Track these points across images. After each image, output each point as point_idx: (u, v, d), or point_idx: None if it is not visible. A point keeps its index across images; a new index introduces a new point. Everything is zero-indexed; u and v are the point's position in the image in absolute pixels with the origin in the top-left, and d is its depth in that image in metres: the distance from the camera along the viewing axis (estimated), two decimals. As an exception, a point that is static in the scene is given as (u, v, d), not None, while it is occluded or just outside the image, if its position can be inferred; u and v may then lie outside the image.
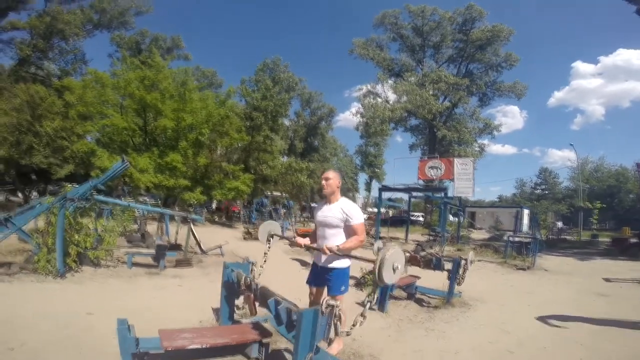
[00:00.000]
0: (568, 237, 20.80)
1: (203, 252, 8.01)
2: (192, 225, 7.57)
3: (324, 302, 2.04)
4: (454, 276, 5.13)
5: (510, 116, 72.64)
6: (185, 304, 4.07)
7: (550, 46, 69.19)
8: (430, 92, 20.29)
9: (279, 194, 16.26)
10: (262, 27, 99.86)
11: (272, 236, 3.50)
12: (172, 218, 9.43)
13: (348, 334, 2.18)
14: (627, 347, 3.62)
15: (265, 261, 3.31)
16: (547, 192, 45.02)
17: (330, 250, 2.63)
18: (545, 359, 3.32)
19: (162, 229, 9.12)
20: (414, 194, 16.91)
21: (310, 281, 3.03)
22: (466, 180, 16.02)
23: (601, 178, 38.88)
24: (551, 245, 15.31)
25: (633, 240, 14.07)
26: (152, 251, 6.42)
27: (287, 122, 26.13)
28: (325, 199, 2.99)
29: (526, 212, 24.75)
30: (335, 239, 2.80)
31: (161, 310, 3.75)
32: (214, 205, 21.43)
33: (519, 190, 47.42)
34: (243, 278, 2.67)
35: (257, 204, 15.00)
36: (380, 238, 13.31)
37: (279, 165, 19.38)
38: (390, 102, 22.16)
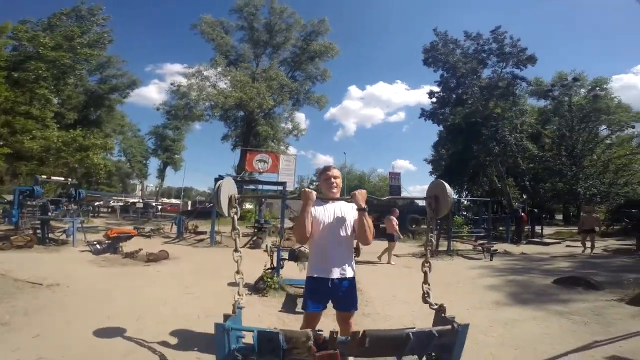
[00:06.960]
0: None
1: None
2: None
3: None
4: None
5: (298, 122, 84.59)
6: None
7: (343, 68, 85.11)
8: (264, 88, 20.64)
9: (63, 179, 11.00)
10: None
11: (237, 201, 2.40)
12: None
13: None
14: (497, 294, 5.23)
15: (240, 259, 2.37)
16: (319, 188, 57.05)
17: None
18: (478, 316, 4.26)
19: None
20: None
21: (317, 304, 2.31)
22: (288, 175, 17.41)
23: (351, 179, 53.84)
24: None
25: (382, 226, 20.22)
26: None
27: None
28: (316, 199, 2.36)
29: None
30: (353, 245, 2.45)
31: None
32: None
33: (298, 185, 57.03)
34: (304, 338, 1.58)
35: (20, 193, 9.37)
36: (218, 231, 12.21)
37: (54, 137, 12.89)
38: (219, 88, 20.66)
